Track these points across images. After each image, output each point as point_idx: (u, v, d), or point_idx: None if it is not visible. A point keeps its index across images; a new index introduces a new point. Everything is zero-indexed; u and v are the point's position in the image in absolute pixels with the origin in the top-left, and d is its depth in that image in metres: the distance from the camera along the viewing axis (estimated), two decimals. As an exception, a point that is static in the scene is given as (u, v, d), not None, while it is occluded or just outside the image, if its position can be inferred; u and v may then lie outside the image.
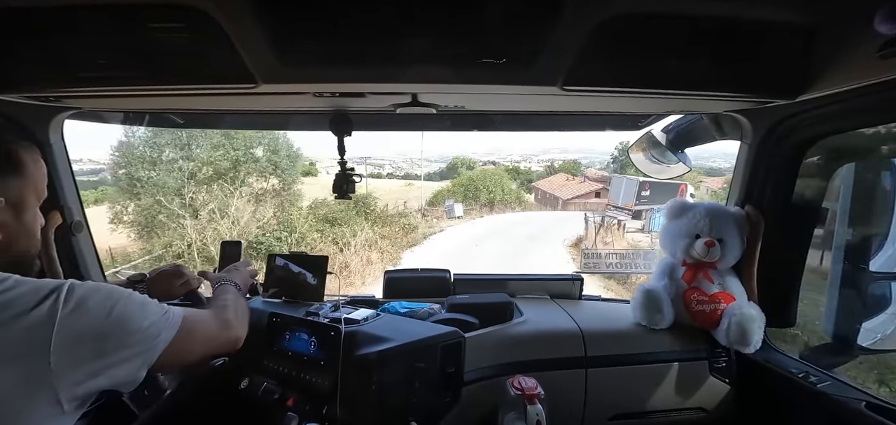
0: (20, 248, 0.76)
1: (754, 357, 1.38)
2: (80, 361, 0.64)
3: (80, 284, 0.68)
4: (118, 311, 0.69)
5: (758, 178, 1.41)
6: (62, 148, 1.43)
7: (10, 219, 0.73)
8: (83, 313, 0.65)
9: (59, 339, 0.62)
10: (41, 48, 0.90)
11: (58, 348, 0.61)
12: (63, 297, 0.64)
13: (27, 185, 0.76)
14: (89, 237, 1.57)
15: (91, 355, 0.65)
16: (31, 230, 0.78)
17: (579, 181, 30.72)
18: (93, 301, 0.67)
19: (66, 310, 0.63)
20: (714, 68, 0.99)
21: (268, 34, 0.86)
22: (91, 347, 0.65)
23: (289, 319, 1.30)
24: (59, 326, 0.62)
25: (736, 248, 1.41)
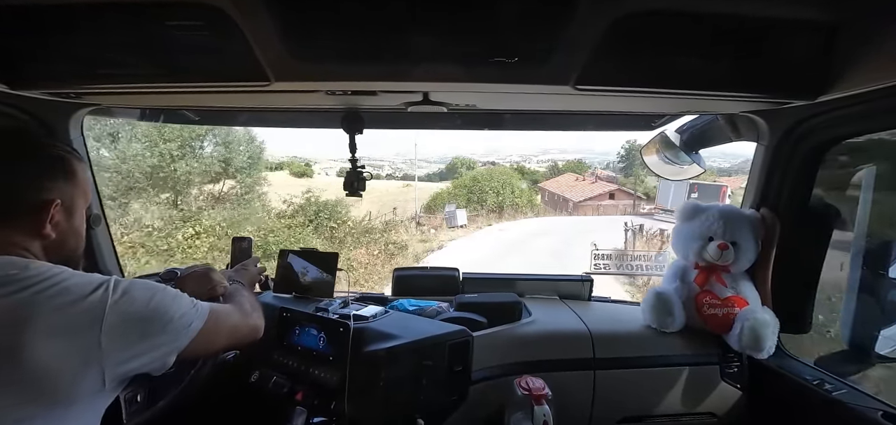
0: (69, 247, 0.83)
1: (767, 362, 1.36)
2: (125, 343, 0.73)
3: (122, 279, 0.77)
4: (157, 301, 0.78)
5: (774, 181, 1.39)
6: (82, 143, 1.47)
7: (63, 219, 0.80)
8: (129, 301, 0.74)
9: (109, 322, 0.70)
10: (63, 46, 0.92)
11: (108, 330, 0.70)
12: (111, 287, 0.73)
13: (78, 190, 0.83)
14: (107, 230, 1.61)
15: (135, 338, 0.74)
16: (79, 231, 0.85)
17: (590, 181, 29.15)
18: (136, 292, 0.76)
19: (114, 298, 0.72)
20: (730, 68, 0.96)
21: (281, 32, 0.87)
22: (135, 331, 0.74)
23: (299, 315, 1.32)
24: (109, 311, 0.71)
25: (750, 252, 1.39)
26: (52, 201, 0.77)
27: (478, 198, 23.28)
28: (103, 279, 0.75)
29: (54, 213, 0.77)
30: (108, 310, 0.71)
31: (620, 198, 27.03)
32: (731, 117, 1.44)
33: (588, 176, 30.38)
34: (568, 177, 31.64)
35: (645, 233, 14.30)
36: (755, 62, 0.96)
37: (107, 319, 0.71)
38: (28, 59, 0.95)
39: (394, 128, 1.66)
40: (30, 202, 0.75)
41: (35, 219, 0.76)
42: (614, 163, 36.52)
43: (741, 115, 1.38)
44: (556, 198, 27.83)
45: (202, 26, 0.87)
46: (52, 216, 0.77)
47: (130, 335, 0.74)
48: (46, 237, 0.77)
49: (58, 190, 0.78)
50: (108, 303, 0.72)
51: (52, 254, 0.79)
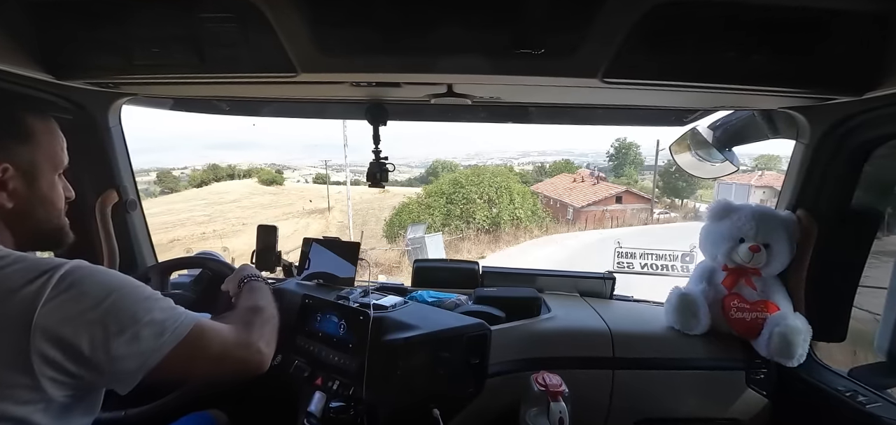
0: (38, 218, 0.74)
1: (797, 371, 1.30)
2: (62, 348, 0.60)
3: (80, 267, 0.65)
4: (112, 302, 0.64)
5: (813, 181, 1.31)
6: (120, 131, 1.54)
7: (23, 187, 0.71)
8: (72, 298, 0.62)
9: (41, 321, 0.59)
10: (103, 38, 0.96)
11: (38, 330, 0.59)
12: (55, 279, 0.61)
13: (39, 153, 0.74)
14: (142, 215, 1.69)
15: (78, 346, 0.61)
16: (48, 199, 0.76)
17: (591, 183, 24.58)
18: (88, 285, 0.64)
19: (54, 293, 0.60)
20: (770, 61, 0.91)
21: (308, 24, 0.88)
22: (76, 335, 0.61)
23: (320, 302, 1.35)
24: (42, 308, 0.59)
25: (783, 255, 1.33)
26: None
27: (462, 212, 17.08)
28: (51, 265, 0.62)
29: (7, 180, 0.69)
30: (41, 305, 0.59)
31: (630, 201, 23.57)
32: (768, 113, 1.37)
33: (587, 177, 26.22)
34: (563, 179, 27.12)
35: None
36: (796, 55, 0.91)
37: (39, 316, 0.59)
38: (72, 51, 1.00)
39: (417, 119, 1.66)
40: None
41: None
42: (595, 164, 34.23)
43: (779, 111, 1.32)
44: (552, 203, 23.27)
45: (233, 19, 0.89)
46: (4, 182, 0.68)
47: (69, 339, 0.60)
48: (0, 206, 0.69)
49: (7, 153, 0.69)
50: (44, 297, 0.60)
51: (18, 226, 0.71)
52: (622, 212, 22.67)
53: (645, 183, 28.21)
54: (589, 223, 21.51)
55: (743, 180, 26.52)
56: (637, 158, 33.65)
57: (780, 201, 1.44)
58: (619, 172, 31.20)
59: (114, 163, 1.53)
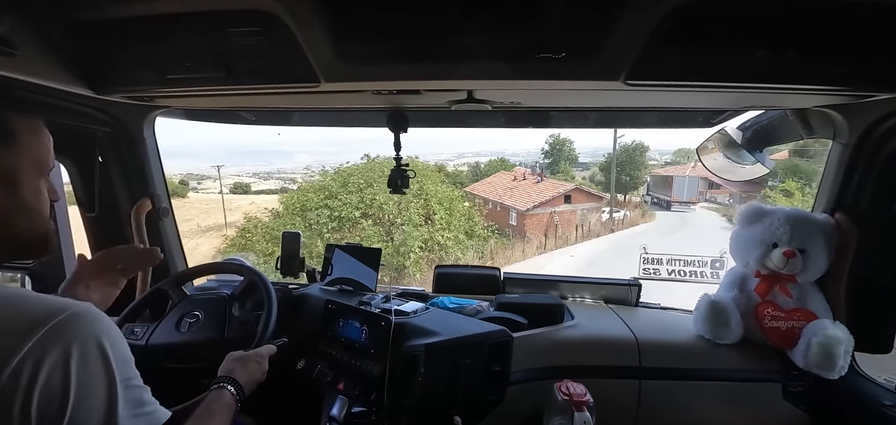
0: (20, 226, 0.68)
1: (838, 383, 1.23)
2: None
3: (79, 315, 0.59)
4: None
5: (852, 183, 1.25)
6: (154, 142, 1.61)
7: (3, 194, 0.66)
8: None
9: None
10: (139, 55, 1.02)
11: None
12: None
13: (21, 156, 0.68)
14: (173, 222, 1.75)
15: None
16: (31, 205, 0.69)
17: (533, 181, 21.10)
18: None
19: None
20: (803, 58, 0.87)
21: (330, 35, 0.90)
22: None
23: (343, 307, 1.37)
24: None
25: (821, 261, 1.26)
26: None
27: (333, 237, 10.31)
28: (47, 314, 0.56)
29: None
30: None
31: (580, 200, 20.14)
32: (802, 112, 1.31)
33: (528, 175, 22.78)
34: (502, 178, 23.16)
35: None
36: (832, 51, 0.86)
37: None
38: (110, 68, 1.06)
39: (438, 126, 1.68)
40: None
41: None
42: (529, 162, 31.97)
43: (814, 110, 1.26)
44: (490, 206, 19.80)
45: (259, 32, 0.92)
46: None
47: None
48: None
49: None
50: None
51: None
52: (572, 213, 19.29)
53: (578, 178, 27.12)
54: (534, 229, 17.89)
55: (680, 172, 27.13)
56: (571, 154, 32.71)
57: (817, 204, 1.37)
58: (555, 169, 30.14)
59: (148, 172, 1.60)
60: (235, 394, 0.94)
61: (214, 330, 1.30)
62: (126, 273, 1.05)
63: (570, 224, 18.92)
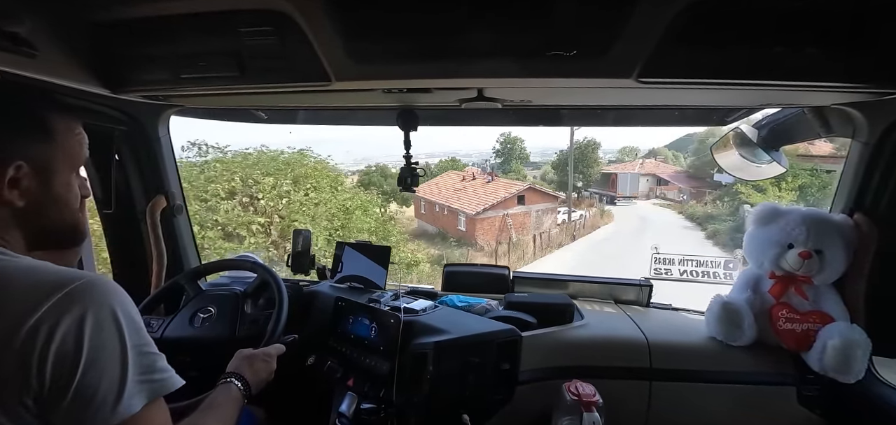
0: (50, 216, 0.73)
1: (854, 388, 1.20)
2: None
3: (96, 282, 0.62)
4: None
5: (872, 183, 1.22)
6: (169, 140, 1.64)
7: (36, 185, 0.70)
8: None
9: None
10: (154, 54, 1.03)
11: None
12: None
13: (58, 152, 0.72)
14: (187, 219, 1.78)
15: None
16: (62, 198, 0.74)
17: (483, 181, 19.32)
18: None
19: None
20: (822, 54, 0.85)
21: (342, 34, 0.90)
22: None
23: (353, 304, 1.38)
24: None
25: (838, 262, 1.23)
26: (10, 162, 0.66)
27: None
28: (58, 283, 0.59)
29: (20, 177, 0.67)
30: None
31: (534, 200, 18.36)
32: (819, 110, 1.28)
33: (478, 174, 21.22)
34: (450, 178, 20.98)
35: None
36: (851, 47, 0.84)
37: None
38: (126, 67, 1.08)
39: (448, 124, 1.67)
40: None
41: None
42: (481, 162, 30.55)
43: (833, 108, 1.23)
44: (437, 211, 17.91)
45: (271, 32, 0.93)
46: (17, 179, 0.67)
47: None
48: (10, 204, 0.67)
49: (23, 150, 0.68)
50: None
51: (28, 225, 0.70)
52: (526, 215, 17.45)
53: (530, 177, 26.72)
54: (485, 235, 16.02)
55: (627, 169, 28.79)
56: (523, 153, 32.67)
57: (835, 204, 1.34)
58: (507, 168, 30.21)
59: (162, 170, 1.63)
60: (242, 390, 0.98)
61: (226, 326, 1.32)
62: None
63: (525, 227, 17.02)
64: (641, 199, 27.92)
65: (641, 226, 19.96)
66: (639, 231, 18.40)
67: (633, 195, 25.82)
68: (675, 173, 30.07)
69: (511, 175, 26.68)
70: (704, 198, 23.01)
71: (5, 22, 0.82)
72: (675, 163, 34.18)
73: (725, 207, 19.63)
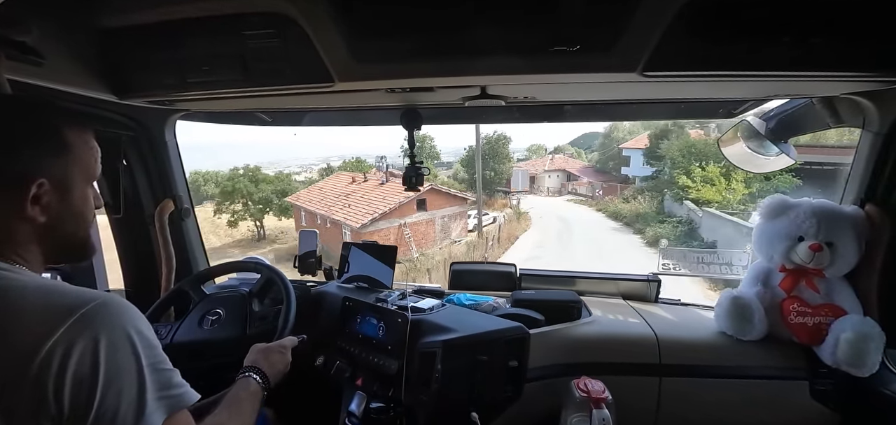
0: (67, 231, 0.72)
1: (868, 381, 1.19)
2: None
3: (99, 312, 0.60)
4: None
5: (884, 173, 1.20)
6: (175, 145, 1.65)
7: (56, 200, 0.69)
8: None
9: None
10: (160, 59, 1.04)
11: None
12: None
13: (75, 166, 0.71)
14: (195, 222, 1.80)
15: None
16: (79, 212, 0.73)
17: (376, 182, 16.60)
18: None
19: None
20: (830, 43, 0.83)
21: (344, 36, 0.91)
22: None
23: (360, 304, 1.39)
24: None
25: (850, 254, 1.21)
26: (32, 179, 0.65)
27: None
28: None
29: (41, 194, 0.66)
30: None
31: (438, 204, 15.64)
32: (829, 100, 1.27)
33: (371, 175, 18.36)
34: (338, 180, 18.80)
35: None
36: (860, 35, 0.82)
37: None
38: (132, 73, 1.09)
39: (452, 123, 1.67)
40: (3, 179, 0.64)
41: (12, 200, 0.65)
42: (393, 164, 28.11)
43: (842, 98, 1.21)
44: (318, 223, 14.86)
45: (274, 34, 0.93)
46: (37, 196, 0.66)
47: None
48: (32, 220, 0.66)
49: (42, 166, 0.67)
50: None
51: (47, 241, 0.70)
52: (429, 223, 14.61)
53: (442, 176, 24.32)
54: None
55: (538, 166, 29.02)
56: (433, 151, 29.24)
57: (846, 196, 1.32)
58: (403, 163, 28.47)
59: (170, 174, 1.65)
60: (261, 383, 0.97)
61: (236, 326, 1.33)
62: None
63: (428, 238, 14.43)
64: (554, 196, 27.32)
65: (565, 230, 17.20)
66: (564, 238, 15.62)
67: (524, 189, 24.96)
68: (582, 168, 30.32)
69: (425, 175, 25.99)
70: (620, 192, 21.27)
71: (12, 31, 0.83)
72: (579, 159, 33.80)
73: (653, 204, 17.25)
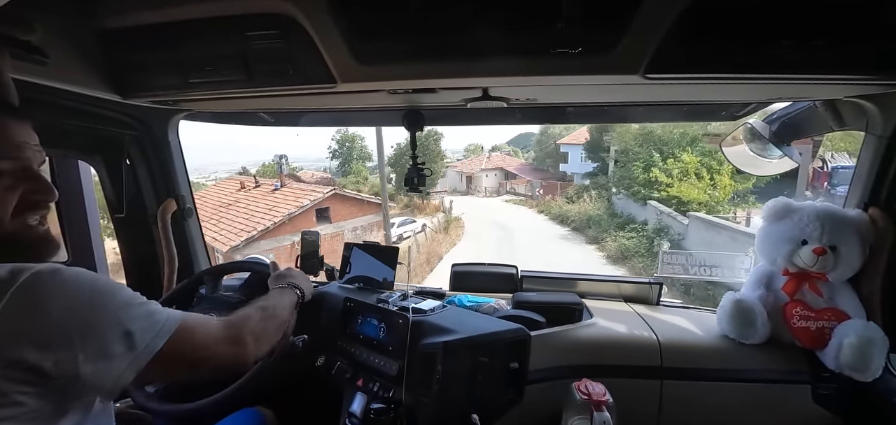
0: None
1: (871, 386, 1.18)
2: (24, 369, 0.54)
3: (40, 275, 0.56)
4: (77, 318, 0.58)
5: (887, 177, 1.19)
6: (178, 145, 1.66)
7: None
8: (28, 313, 0.55)
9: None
10: (163, 60, 1.05)
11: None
12: (9, 293, 0.54)
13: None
14: (197, 221, 1.80)
15: (37, 365, 0.54)
16: (5, 199, 0.63)
17: (268, 188, 14.58)
18: (45, 299, 0.56)
19: (9, 308, 0.54)
20: (833, 46, 0.83)
21: (346, 37, 0.91)
22: (38, 357, 0.54)
23: (361, 305, 1.39)
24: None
25: (854, 258, 1.21)
26: None
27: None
28: (6, 275, 0.55)
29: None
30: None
31: (347, 213, 13.76)
32: (831, 104, 1.26)
33: (265, 180, 16.10)
34: (226, 186, 16.53)
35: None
36: (863, 37, 0.82)
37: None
38: (136, 73, 1.09)
39: (453, 124, 1.67)
40: None
41: None
42: (319, 166, 25.34)
43: (845, 101, 1.21)
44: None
45: (277, 35, 0.94)
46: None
47: (31, 363, 0.54)
48: None
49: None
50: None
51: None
52: (334, 237, 12.14)
53: (374, 178, 21.63)
54: None
55: (473, 165, 28.27)
56: (364, 152, 27.62)
57: (849, 199, 1.31)
58: (346, 170, 25.33)
59: (173, 173, 1.65)
60: (299, 298, 1.02)
61: None
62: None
63: (336, 259, 7.95)
64: (491, 196, 26.02)
65: (505, 239, 14.77)
66: (504, 251, 13.41)
67: (459, 190, 24.34)
68: (520, 166, 29.26)
69: (350, 177, 23.41)
70: (560, 191, 19.47)
71: (17, 30, 0.84)
72: (517, 158, 32.71)
73: (600, 204, 15.63)
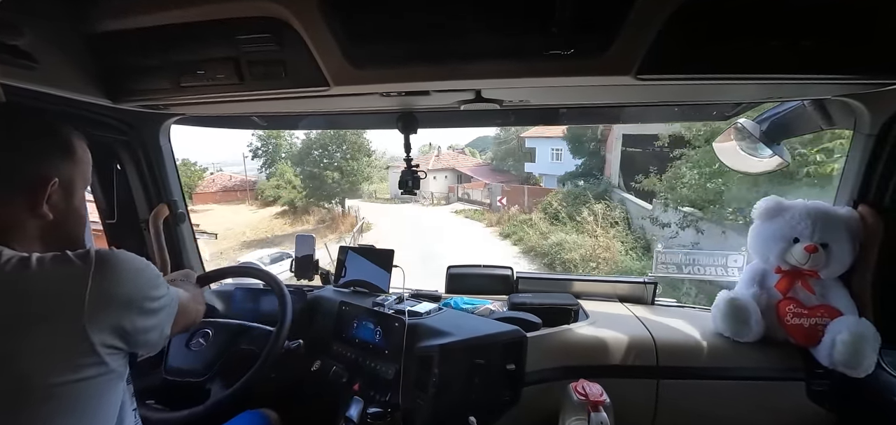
0: (68, 230, 0.79)
1: (864, 382, 1.19)
2: (113, 331, 0.69)
3: (112, 255, 0.71)
4: (140, 285, 0.74)
5: (875, 174, 1.21)
6: (169, 149, 1.64)
7: (62, 200, 0.76)
8: (112, 284, 0.69)
9: (91, 310, 0.66)
10: (154, 64, 1.04)
11: (92, 320, 0.66)
12: (93, 269, 0.67)
13: (77, 170, 0.79)
14: (190, 226, 1.78)
15: (121, 325, 0.70)
16: (79, 213, 0.81)
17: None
18: (120, 272, 0.71)
19: (96, 282, 0.67)
20: (821, 46, 0.84)
21: (340, 40, 0.91)
22: (120, 318, 0.70)
23: (357, 309, 1.38)
24: (90, 297, 0.66)
25: (844, 255, 1.22)
26: (48, 179, 0.73)
27: None
28: (83, 255, 0.69)
29: (52, 193, 0.73)
30: (88, 297, 0.66)
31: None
32: (820, 103, 1.28)
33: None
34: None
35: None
36: (849, 38, 0.83)
37: (88, 310, 0.66)
38: (126, 77, 1.08)
39: (447, 126, 1.68)
40: (25, 178, 0.71)
41: (30, 197, 0.72)
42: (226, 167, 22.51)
43: (834, 100, 1.22)
44: None
45: (269, 39, 0.93)
46: (49, 195, 0.73)
47: (118, 324, 0.69)
48: (43, 217, 0.73)
49: (55, 168, 0.74)
50: (89, 289, 0.66)
51: (50, 235, 0.76)
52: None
53: (297, 181, 20.92)
54: None
55: (423, 164, 25.25)
56: (292, 150, 24.64)
57: (839, 197, 1.33)
58: (271, 171, 23.86)
59: (164, 178, 1.64)
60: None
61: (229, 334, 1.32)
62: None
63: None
64: (439, 204, 21.07)
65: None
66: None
67: (390, 194, 20.73)
68: (476, 167, 24.57)
69: (275, 178, 21.43)
70: (528, 198, 14.42)
71: (4, 34, 0.82)
72: (473, 157, 29.19)
73: (612, 220, 10.59)
